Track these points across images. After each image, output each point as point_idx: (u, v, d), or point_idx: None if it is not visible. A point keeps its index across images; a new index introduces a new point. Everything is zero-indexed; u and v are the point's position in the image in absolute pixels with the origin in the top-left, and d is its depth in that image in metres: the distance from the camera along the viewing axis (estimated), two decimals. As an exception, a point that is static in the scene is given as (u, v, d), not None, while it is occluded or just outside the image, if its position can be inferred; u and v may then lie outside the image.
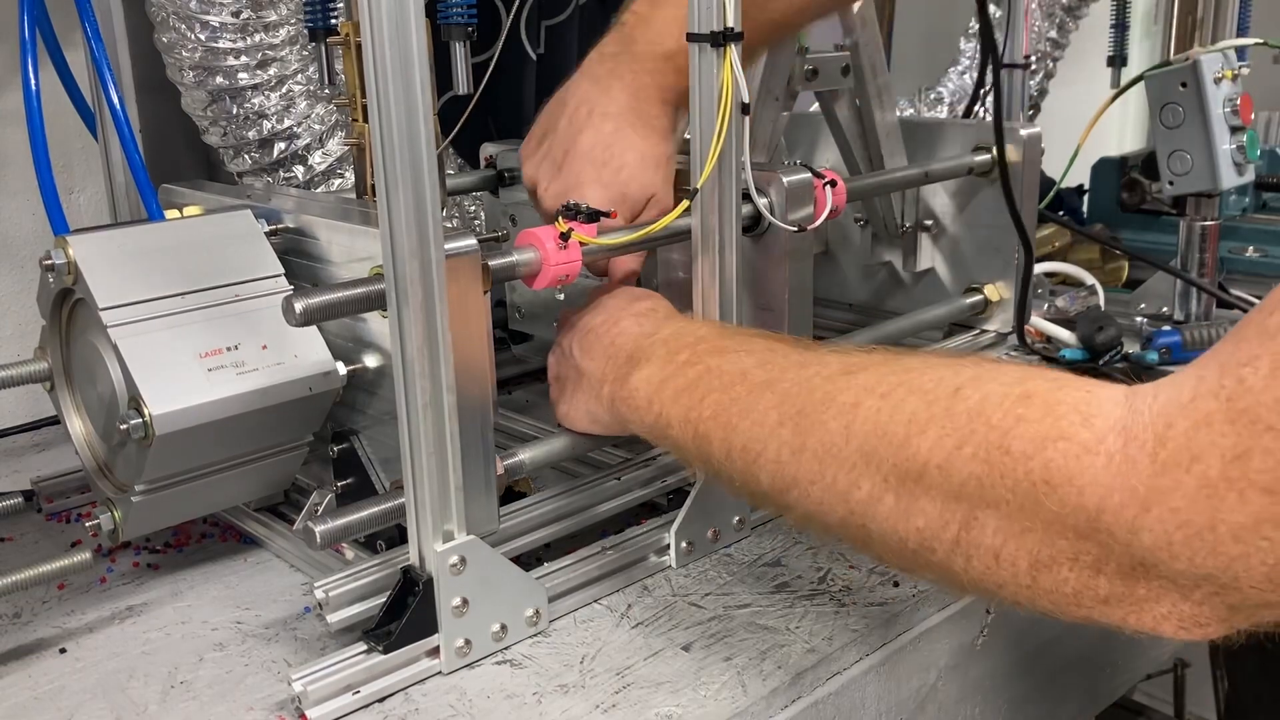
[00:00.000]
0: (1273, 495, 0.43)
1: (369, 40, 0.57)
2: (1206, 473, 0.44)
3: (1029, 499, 0.49)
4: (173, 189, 0.88)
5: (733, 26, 0.70)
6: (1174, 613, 0.48)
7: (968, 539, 0.52)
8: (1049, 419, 0.50)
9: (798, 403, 0.60)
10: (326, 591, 0.66)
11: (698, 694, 0.65)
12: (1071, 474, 0.48)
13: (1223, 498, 0.44)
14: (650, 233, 0.74)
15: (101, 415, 0.74)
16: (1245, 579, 0.45)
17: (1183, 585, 0.47)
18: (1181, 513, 0.45)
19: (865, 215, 1.15)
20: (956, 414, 0.53)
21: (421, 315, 0.61)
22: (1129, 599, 0.49)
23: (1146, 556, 0.47)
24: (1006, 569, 0.51)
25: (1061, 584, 0.50)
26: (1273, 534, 0.43)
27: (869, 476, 0.56)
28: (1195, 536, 0.45)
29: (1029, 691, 0.86)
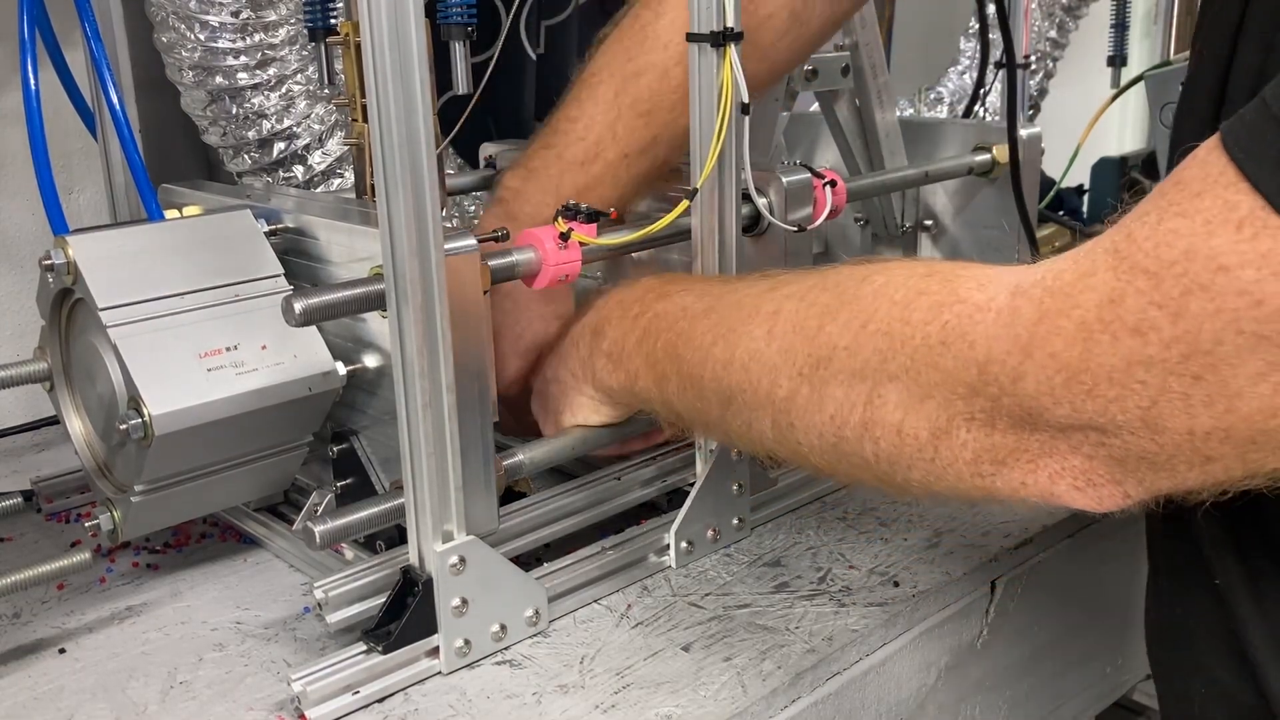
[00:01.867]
0: (1142, 336, 0.44)
1: (369, 40, 0.57)
2: (1084, 316, 0.46)
3: (926, 362, 0.51)
4: (172, 189, 0.88)
5: (732, 26, 0.70)
6: (1065, 469, 0.49)
7: (872, 418, 0.54)
8: (947, 288, 0.52)
9: (729, 321, 0.62)
10: (326, 591, 0.66)
11: (698, 694, 0.65)
12: (964, 330, 0.50)
13: (1097, 340, 0.45)
14: (650, 233, 0.74)
15: (101, 415, 0.74)
16: (1124, 423, 0.46)
17: (1070, 435, 0.48)
18: (1059, 356, 0.47)
19: (865, 215, 1.15)
20: (863, 296, 0.56)
21: (421, 315, 0.61)
22: (1022, 454, 0.50)
23: (1031, 404, 0.48)
24: (910, 443, 0.53)
25: (961, 450, 0.51)
26: (1145, 376, 0.44)
27: (786, 373, 0.58)
28: (1073, 379, 0.46)
29: (1029, 691, 0.86)
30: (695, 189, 0.73)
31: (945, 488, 0.54)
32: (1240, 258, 0.42)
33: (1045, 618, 0.85)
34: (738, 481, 0.80)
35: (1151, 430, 0.45)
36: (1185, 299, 0.43)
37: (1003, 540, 0.81)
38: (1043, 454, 0.49)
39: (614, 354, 0.72)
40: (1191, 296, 0.43)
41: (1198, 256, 0.43)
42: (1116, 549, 0.89)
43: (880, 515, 0.85)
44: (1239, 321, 0.42)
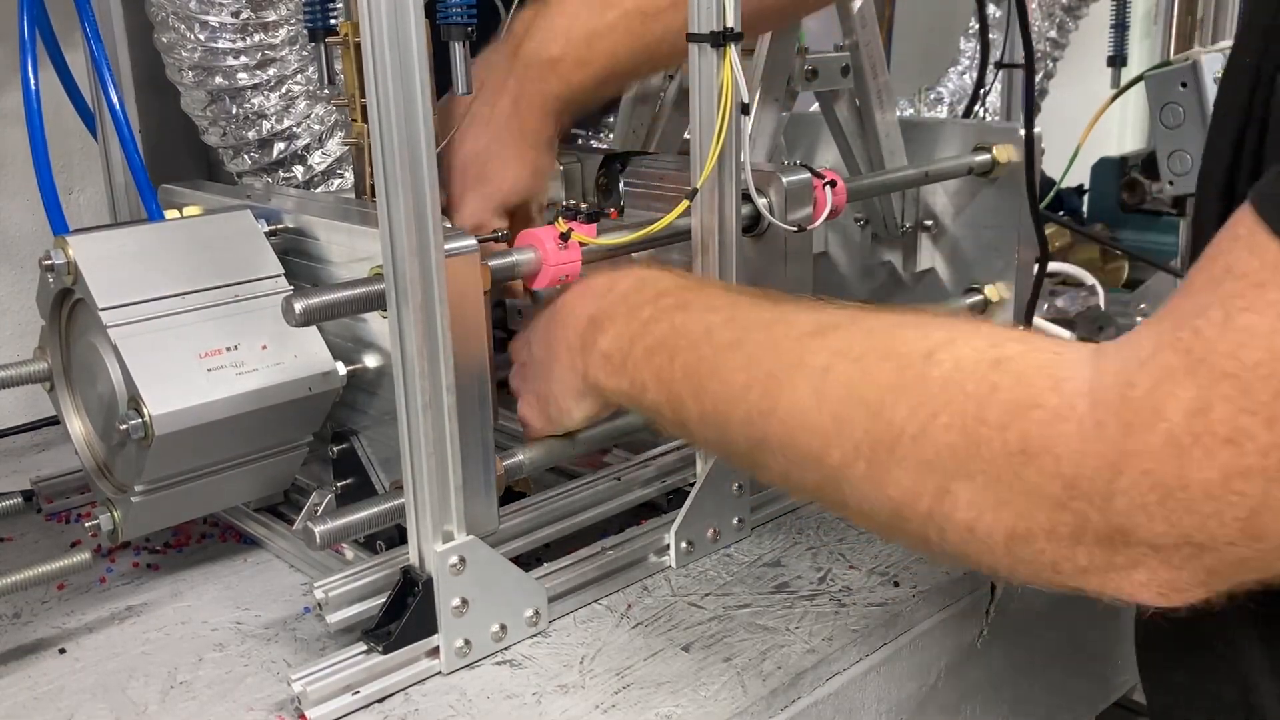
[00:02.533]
0: (1236, 446, 0.42)
1: (368, 40, 0.57)
2: (1171, 430, 0.44)
3: (1006, 470, 0.49)
4: (172, 189, 0.88)
5: (732, 26, 0.70)
6: (1153, 580, 0.47)
7: (941, 511, 0.51)
8: (1021, 386, 0.49)
9: (766, 365, 0.59)
10: (326, 592, 0.66)
11: (698, 694, 0.65)
12: (1048, 442, 0.48)
13: (1189, 454, 0.43)
14: (650, 233, 0.74)
15: (101, 415, 0.74)
16: (1221, 536, 0.44)
17: (1161, 549, 0.46)
18: (1153, 474, 0.44)
19: (865, 215, 1.15)
20: (931, 381, 0.52)
21: (421, 315, 0.61)
22: (1108, 568, 0.48)
23: (1123, 522, 0.46)
24: (982, 541, 0.50)
25: (1039, 554, 0.49)
26: (1244, 487, 0.43)
27: (840, 444, 0.55)
28: (1169, 497, 0.44)
29: (1029, 691, 0.86)
30: (695, 189, 0.73)
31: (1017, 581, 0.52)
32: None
33: (1046, 618, 0.85)
34: (738, 482, 0.80)
35: (1252, 539, 0.44)
36: (1276, 404, 0.42)
37: (1003, 540, 0.81)
38: (1129, 566, 0.47)
39: (615, 357, 0.68)
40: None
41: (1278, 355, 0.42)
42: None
43: (880, 515, 0.85)
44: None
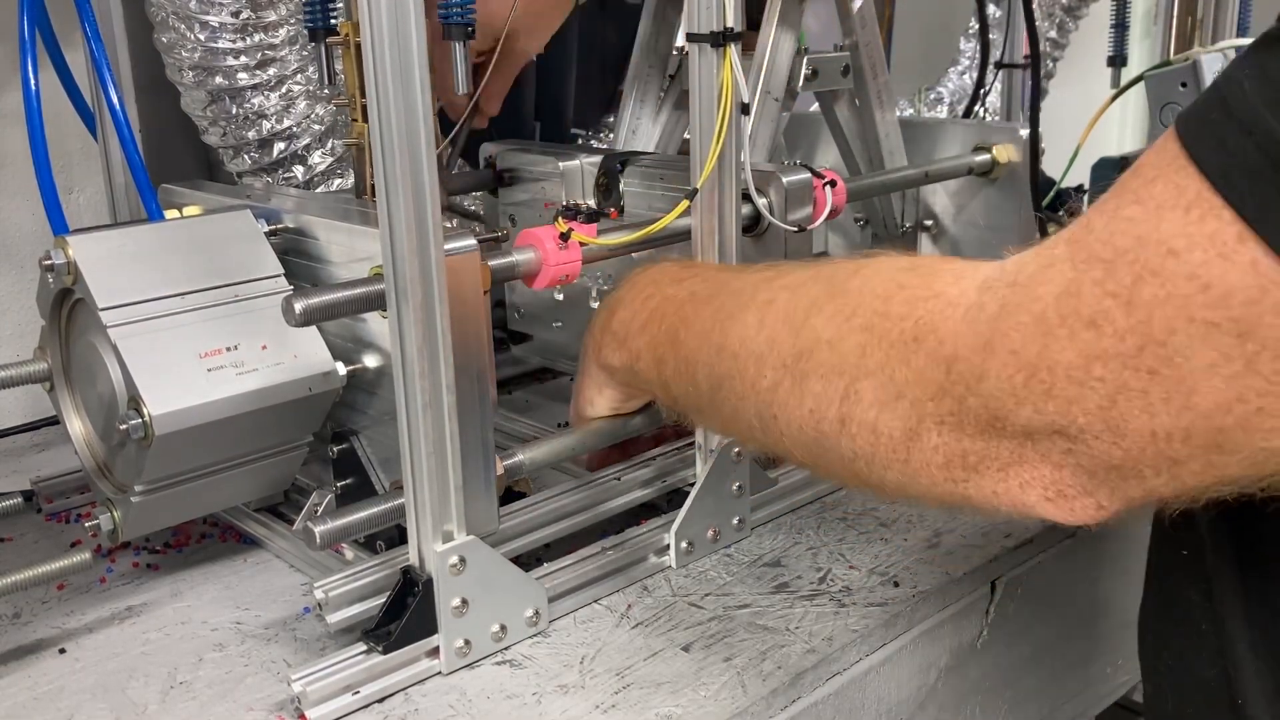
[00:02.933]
0: (1096, 329, 0.43)
1: (368, 40, 0.57)
2: (1042, 311, 0.45)
3: (899, 359, 0.50)
4: (172, 189, 0.88)
5: (733, 26, 0.70)
6: (1035, 477, 0.47)
7: (849, 414, 0.52)
8: (924, 282, 0.51)
9: (728, 308, 0.62)
10: (326, 592, 0.66)
11: (698, 694, 0.65)
12: (935, 326, 0.49)
13: (1054, 334, 0.44)
14: (650, 233, 0.74)
15: (101, 415, 0.74)
16: (1086, 426, 0.44)
17: (1037, 441, 0.46)
18: (1020, 354, 0.45)
19: (865, 215, 1.15)
20: (850, 290, 0.55)
21: (421, 315, 0.61)
22: (993, 461, 0.48)
23: (995, 405, 0.47)
24: (885, 442, 0.51)
25: (933, 454, 0.50)
26: (1102, 372, 0.43)
27: (771, 363, 0.57)
28: (1032, 377, 0.45)
29: (1029, 691, 0.86)
30: (695, 189, 0.73)
31: (920, 491, 0.52)
32: (1188, 240, 0.41)
33: (1045, 618, 0.85)
34: (738, 482, 0.80)
35: (1114, 433, 0.44)
36: (1138, 286, 0.42)
37: (1003, 540, 0.81)
38: (1013, 462, 0.48)
39: (620, 333, 0.72)
40: (1144, 284, 0.42)
41: (1149, 242, 0.42)
42: (1116, 550, 0.89)
43: (880, 515, 0.85)
44: (1189, 308, 0.41)
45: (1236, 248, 0.40)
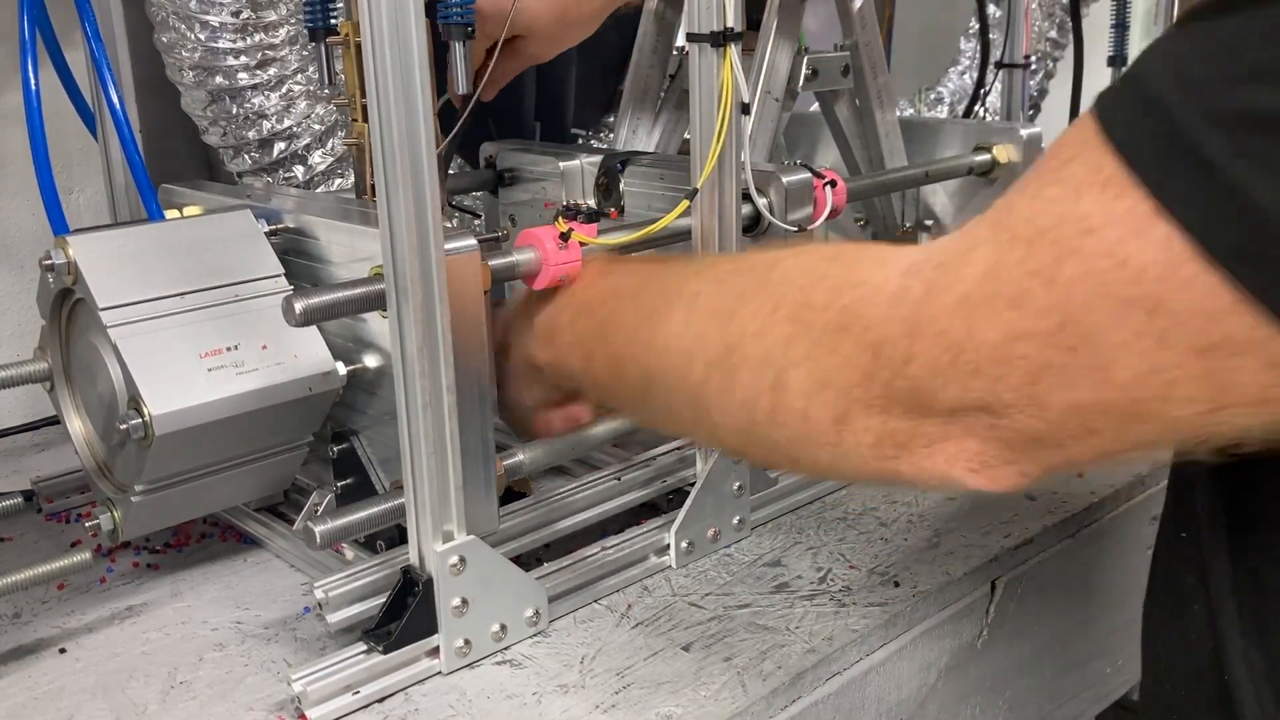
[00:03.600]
0: (1018, 308, 0.44)
1: (369, 40, 0.57)
2: (966, 291, 0.46)
3: (827, 347, 0.51)
4: (173, 189, 0.88)
5: (733, 26, 0.70)
6: (961, 452, 0.48)
7: (779, 403, 0.53)
8: (847, 271, 0.53)
9: (654, 303, 0.63)
10: (326, 591, 0.66)
11: (698, 694, 0.65)
12: (860, 312, 0.50)
13: (978, 313, 0.45)
14: (650, 233, 0.74)
15: (101, 415, 0.74)
16: (1009, 401, 0.45)
17: (962, 418, 0.47)
18: (946, 334, 0.46)
19: (865, 215, 1.15)
20: (772, 282, 0.56)
21: (421, 315, 0.61)
22: (919, 440, 0.49)
23: (921, 386, 0.48)
24: (815, 428, 0.52)
25: (863, 435, 0.51)
26: (1025, 350, 0.44)
27: (701, 358, 0.58)
28: (958, 357, 0.46)
29: (1029, 691, 0.86)
30: (695, 189, 0.73)
31: (851, 470, 0.53)
32: (1105, 218, 0.42)
33: (1045, 618, 0.85)
34: (738, 482, 0.80)
35: (1038, 407, 0.45)
36: (1058, 265, 0.43)
37: (1003, 540, 0.81)
38: (938, 439, 0.49)
39: (545, 329, 0.71)
40: (1063, 262, 0.43)
41: (1068, 220, 0.43)
42: (1116, 550, 0.89)
43: (880, 515, 0.85)
44: (1106, 285, 0.42)
45: (1149, 224, 0.41)
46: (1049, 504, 0.86)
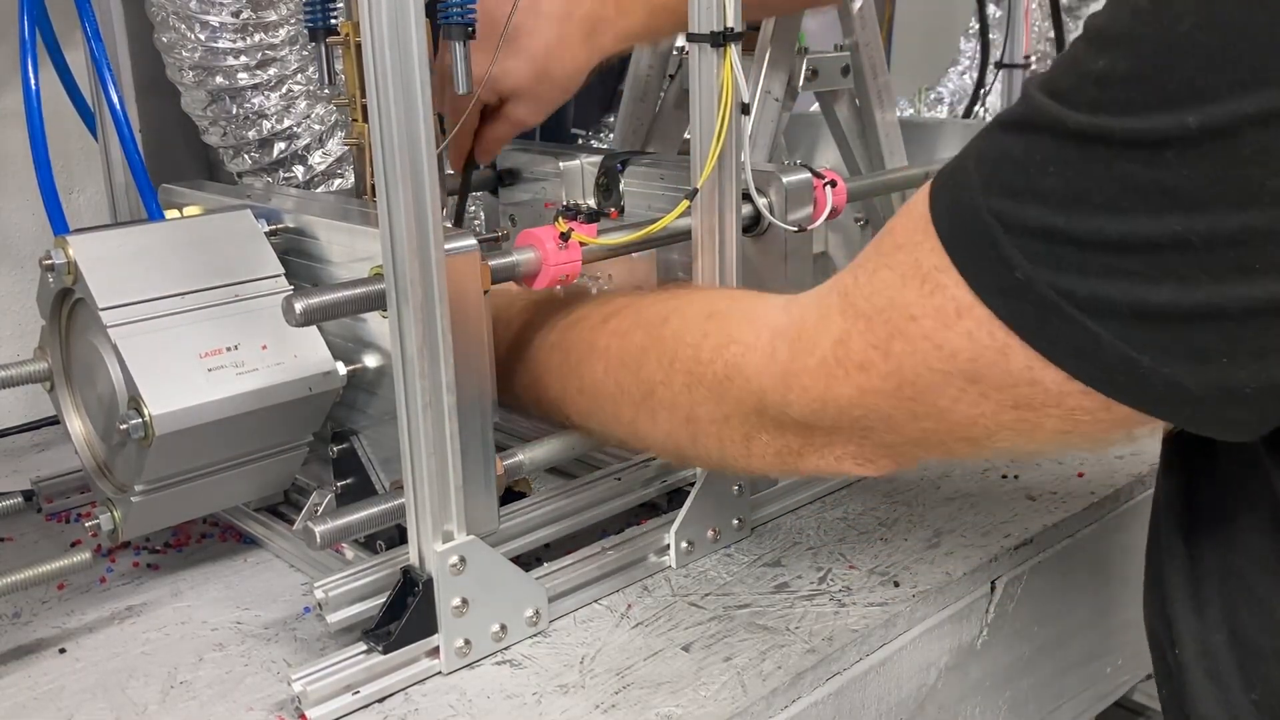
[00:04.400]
0: (866, 372, 0.54)
1: (369, 40, 0.57)
2: (823, 356, 0.55)
3: (719, 393, 0.62)
4: (173, 189, 0.88)
5: (733, 26, 0.70)
6: (846, 453, 0.59)
7: (696, 432, 0.65)
8: (723, 330, 0.63)
9: (575, 355, 0.73)
10: (326, 591, 0.66)
11: (698, 694, 0.65)
12: (740, 366, 0.61)
13: (834, 375, 0.55)
14: (650, 233, 0.74)
15: (101, 415, 0.74)
16: (873, 428, 0.56)
17: (842, 434, 0.58)
18: (810, 390, 0.57)
19: (865, 215, 1.15)
20: (665, 339, 0.66)
21: (421, 315, 0.61)
22: (813, 446, 0.60)
23: (801, 421, 0.58)
24: (730, 446, 0.64)
25: (766, 448, 0.62)
26: (876, 401, 0.54)
27: (625, 404, 0.69)
28: (824, 407, 0.56)
29: (1029, 691, 0.86)
30: (695, 189, 0.73)
31: (763, 472, 0.68)
32: (922, 310, 0.50)
33: (1045, 618, 0.85)
34: (738, 482, 0.80)
35: (894, 432, 0.55)
36: (890, 342, 0.52)
37: (1003, 540, 0.81)
38: (827, 444, 0.59)
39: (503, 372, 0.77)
40: (894, 340, 0.52)
41: (896, 305, 0.51)
42: (1117, 550, 0.89)
43: (880, 515, 0.85)
44: (928, 361, 0.51)
45: (955, 321, 0.49)
46: (1049, 504, 0.86)
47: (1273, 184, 0.40)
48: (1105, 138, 0.43)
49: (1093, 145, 0.44)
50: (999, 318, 0.48)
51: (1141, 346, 0.45)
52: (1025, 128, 0.47)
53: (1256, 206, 0.41)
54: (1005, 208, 0.47)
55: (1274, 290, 0.42)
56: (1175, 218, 0.42)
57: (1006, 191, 0.47)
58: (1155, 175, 0.42)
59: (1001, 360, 0.49)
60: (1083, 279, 0.45)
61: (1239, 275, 0.42)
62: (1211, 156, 0.41)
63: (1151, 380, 0.45)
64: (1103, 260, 0.44)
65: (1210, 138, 0.41)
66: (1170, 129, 0.42)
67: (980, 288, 0.48)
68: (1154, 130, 0.42)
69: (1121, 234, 0.43)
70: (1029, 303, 0.47)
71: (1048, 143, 0.45)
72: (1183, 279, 0.43)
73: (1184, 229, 0.42)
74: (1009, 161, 0.47)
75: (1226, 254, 0.42)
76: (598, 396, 0.71)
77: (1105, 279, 0.44)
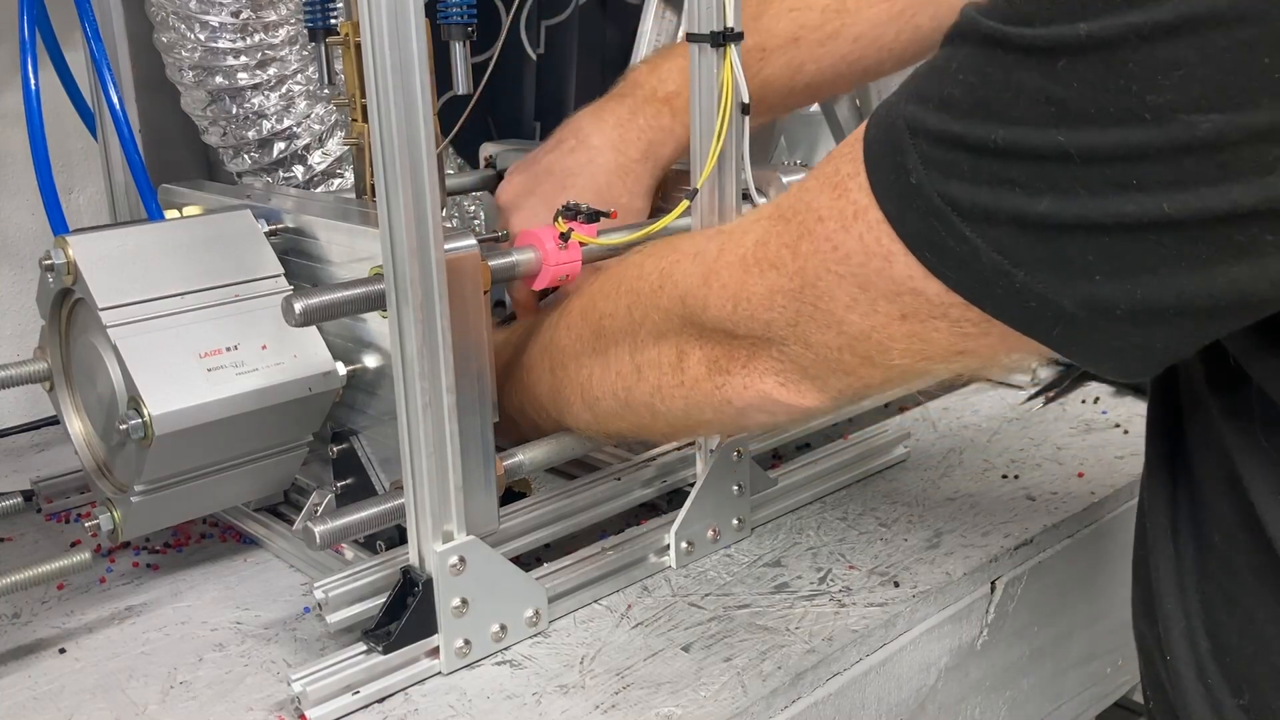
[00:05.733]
0: (776, 270, 0.56)
1: (369, 40, 0.57)
2: (743, 254, 0.58)
3: (653, 305, 0.64)
4: (172, 189, 0.88)
5: (733, 26, 0.70)
6: (769, 368, 0.59)
7: (639, 361, 0.66)
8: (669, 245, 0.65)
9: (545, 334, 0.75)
10: (326, 592, 0.66)
11: (698, 694, 0.65)
12: (671, 272, 0.63)
13: (750, 272, 0.57)
14: (650, 233, 0.74)
15: (101, 415, 0.74)
16: (785, 338, 0.57)
17: (757, 346, 0.59)
18: (728, 286, 0.58)
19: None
20: (616, 271, 0.69)
21: (421, 315, 0.61)
22: (735, 359, 0.61)
23: (719, 325, 0.60)
24: (666, 371, 0.64)
25: (697, 366, 0.63)
26: (784, 302, 0.55)
27: (583, 356, 0.70)
28: (738, 305, 0.58)
29: (1029, 691, 0.86)
30: (695, 189, 0.73)
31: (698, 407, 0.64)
32: (829, 212, 0.52)
33: (1045, 618, 0.85)
34: (738, 482, 0.80)
35: (803, 345, 0.56)
36: (799, 241, 0.54)
37: (1003, 540, 0.81)
38: (750, 358, 0.60)
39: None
40: (803, 239, 0.54)
41: (809, 209, 0.54)
42: (1117, 550, 0.89)
43: (880, 515, 0.85)
44: (826, 263, 0.53)
45: (852, 223, 0.51)
46: (1049, 504, 0.86)
47: (1153, 99, 0.41)
48: (1007, 44, 0.44)
49: (996, 52, 0.45)
50: (889, 222, 0.49)
51: (1016, 259, 0.46)
52: (952, 39, 0.48)
53: (1136, 122, 0.41)
54: (915, 113, 0.48)
55: (1147, 207, 0.42)
56: (1059, 129, 0.43)
57: (919, 97, 0.48)
58: (1044, 85, 0.43)
59: (886, 267, 0.50)
60: (968, 186, 0.46)
61: (1115, 190, 0.43)
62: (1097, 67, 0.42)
63: (1024, 295, 0.46)
64: (989, 168, 0.45)
65: (1096, 47, 0.41)
66: (1063, 37, 0.42)
67: (878, 192, 0.50)
68: (1049, 38, 0.43)
69: (1009, 142, 0.44)
70: (916, 210, 0.48)
71: (962, 51, 0.47)
72: (1061, 191, 0.44)
73: (1066, 140, 0.43)
74: (930, 69, 0.49)
75: (1104, 169, 0.43)
76: (563, 362, 0.71)
77: (989, 187, 0.45)
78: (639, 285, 0.65)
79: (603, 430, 0.74)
